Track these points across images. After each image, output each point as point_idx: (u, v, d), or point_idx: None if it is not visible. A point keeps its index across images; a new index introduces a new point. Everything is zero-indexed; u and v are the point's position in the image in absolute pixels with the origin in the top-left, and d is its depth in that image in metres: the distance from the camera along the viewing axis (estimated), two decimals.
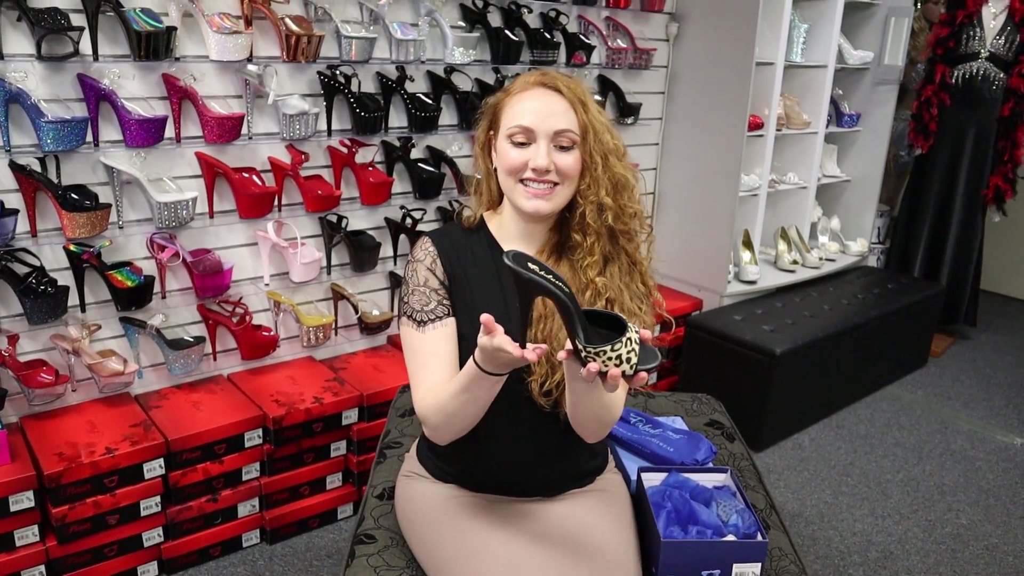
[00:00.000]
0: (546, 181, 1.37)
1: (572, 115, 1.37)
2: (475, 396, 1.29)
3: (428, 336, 1.41)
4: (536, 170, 1.35)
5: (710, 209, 3.39)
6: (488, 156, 1.47)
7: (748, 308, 3.33)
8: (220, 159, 2.29)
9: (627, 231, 1.43)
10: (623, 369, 1.10)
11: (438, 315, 1.42)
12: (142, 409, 2.28)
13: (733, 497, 1.62)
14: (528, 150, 1.37)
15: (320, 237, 2.57)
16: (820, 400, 3.33)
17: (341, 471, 2.50)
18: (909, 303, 3.66)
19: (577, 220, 1.41)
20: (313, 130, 2.39)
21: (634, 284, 1.45)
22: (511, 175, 1.39)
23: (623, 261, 1.44)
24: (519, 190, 1.38)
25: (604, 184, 1.39)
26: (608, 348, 1.10)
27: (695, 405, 2.18)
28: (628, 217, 1.42)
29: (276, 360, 2.58)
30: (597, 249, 1.40)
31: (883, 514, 2.71)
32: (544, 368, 1.39)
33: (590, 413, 1.35)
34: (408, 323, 1.43)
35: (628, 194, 1.42)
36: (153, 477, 2.13)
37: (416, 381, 1.42)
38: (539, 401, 1.41)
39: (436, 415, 1.36)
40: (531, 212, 1.38)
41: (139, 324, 2.26)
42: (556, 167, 1.36)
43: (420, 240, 1.48)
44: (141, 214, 2.24)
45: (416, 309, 1.42)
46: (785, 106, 3.63)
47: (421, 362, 1.42)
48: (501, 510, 1.48)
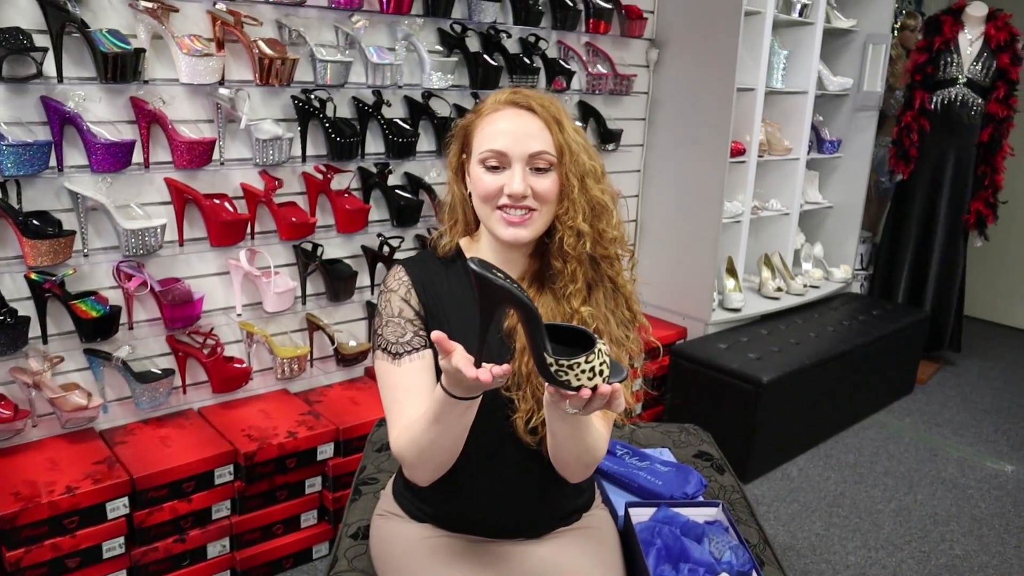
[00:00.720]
0: (523, 207, 1.30)
1: (547, 135, 1.30)
2: (448, 426, 1.21)
3: (404, 369, 1.33)
4: (512, 196, 1.28)
5: (693, 236, 3.35)
6: (462, 180, 1.40)
7: (733, 336, 3.28)
8: (190, 185, 2.22)
9: (608, 256, 1.36)
10: (596, 382, 1.03)
11: (414, 347, 1.34)
12: (107, 445, 2.18)
13: (726, 532, 1.55)
14: (503, 175, 1.30)
15: (295, 266, 2.49)
16: (807, 429, 3.27)
17: (316, 508, 2.40)
18: (894, 329, 3.63)
19: (556, 247, 1.34)
20: (287, 155, 2.32)
21: (620, 311, 1.38)
22: (486, 202, 1.32)
23: (607, 287, 1.37)
24: (496, 217, 1.31)
25: (582, 208, 1.31)
26: (582, 360, 1.01)
27: (682, 436, 2.12)
28: (608, 242, 1.35)
29: (249, 393, 2.49)
30: (580, 276, 1.33)
31: (876, 546, 2.64)
32: (530, 403, 1.32)
33: (572, 454, 1.28)
34: (382, 356, 1.35)
35: (607, 219, 1.35)
36: (116, 517, 2.02)
37: (392, 417, 1.34)
38: (524, 438, 1.33)
39: (411, 450, 1.28)
40: (510, 240, 1.31)
41: (104, 356, 2.17)
42: (533, 191, 1.29)
43: (393, 269, 1.41)
44: (107, 242, 2.16)
45: (391, 341, 1.34)
46: (767, 132, 3.62)
47: (396, 397, 1.33)
48: (481, 552, 1.40)
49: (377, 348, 1.36)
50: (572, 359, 1.02)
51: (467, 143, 1.36)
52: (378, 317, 1.38)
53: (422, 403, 1.29)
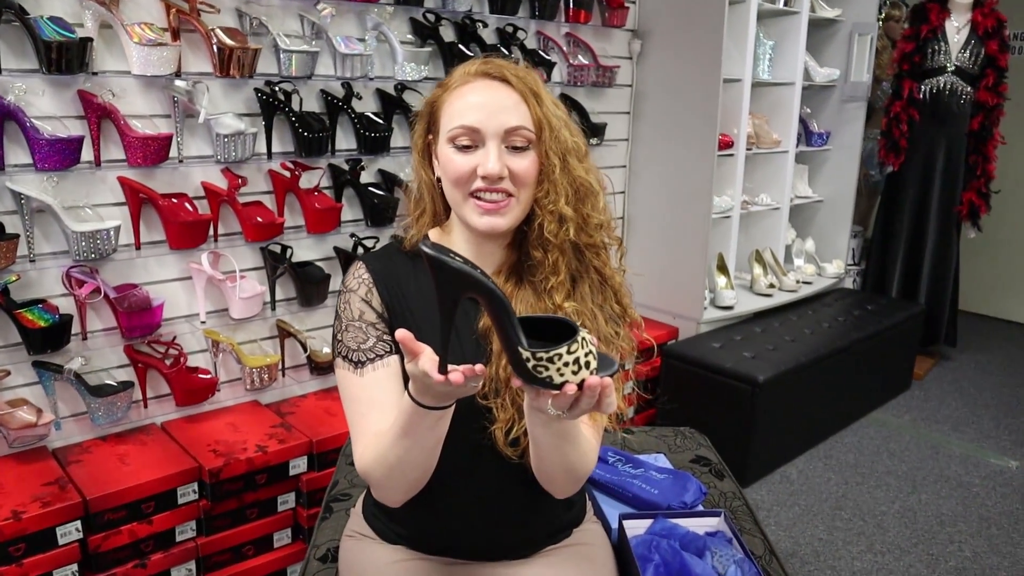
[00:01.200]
0: (499, 190, 1.15)
1: (524, 109, 1.15)
2: (418, 439, 1.07)
3: (367, 379, 1.18)
4: (487, 177, 1.14)
5: (682, 233, 3.23)
6: (429, 165, 1.25)
7: (726, 335, 3.16)
8: (146, 184, 2.08)
9: (594, 244, 1.22)
10: (582, 376, 0.89)
11: (377, 353, 1.19)
12: (59, 465, 2.02)
13: (729, 544, 1.41)
14: (475, 154, 1.15)
15: (262, 269, 2.35)
16: (806, 429, 3.15)
17: (290, 527, 2.25)
18: (890, 324, 3.52)
19: (536, 235, 1.19)
20: (251, 152, 2.18)
21: (608, 305, 1.24)
22: (458, 187, 1.17)
23: (593, 279, 1.23)
24: (469, 205, 1.17)
25: (564, 190, 1.17)
26: (564, 350, 0.88)
27: (678, 440, 1.99)
28: (593, 229, 1.21)
29: (216, 405, 2.34)
30: (562, 267, 1.19)
31: (882, 549, 2.51)
32: (509, 412, 1.17)
33: (557, 467, 1.14)
34: (343, 364, 1.20)
35: (592, 202, 1.20)
36: (69, 542, 1.86)
37: (356, 433, 1.19)
38: (504, 451, 1.19)
39: (377, 469, 1.14)
40: (485, 230, 1.17)
41: (55, 369, 2.01)
42: (510, 172, 1.15)
43: (353, 266, 1.26)
44: (57, 246, 2.01)
45: (351, 348, 1.19)
46: (754, 125, 3.51)
47: (360, 410, 1.18)
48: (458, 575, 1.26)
49: (337, 355, 1.22)
50: (551, 350, 0.88)
51: (434, 121, 1.22)
52: (337, 321, 1.23)
53: (389, 416, 1.14)
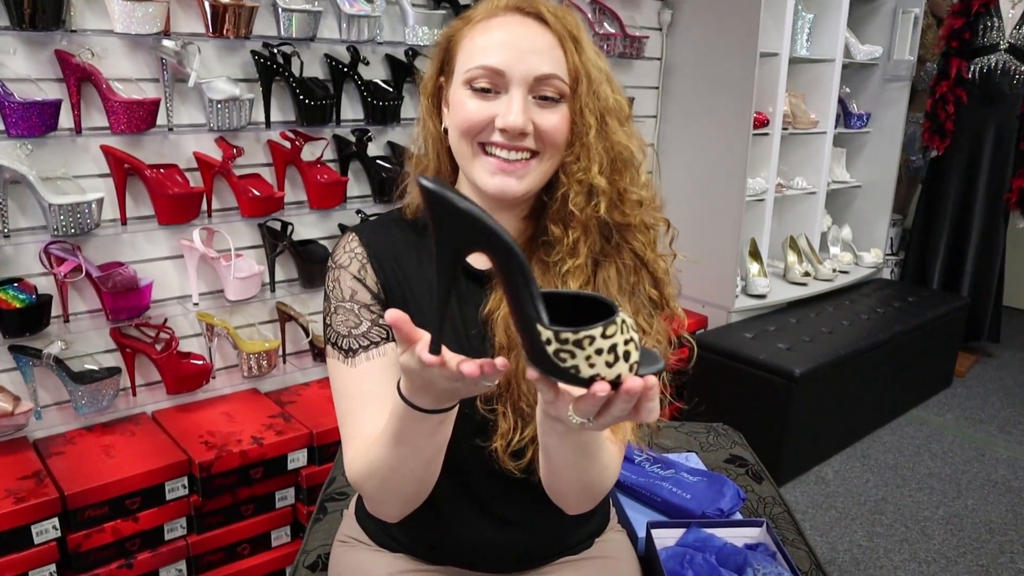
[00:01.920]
0: (520, 148, 0.96)
1: (560, 54, 0.96)
2: (415, 448, 0.89)
3: (359, 371, 1.00)
4: (507, 131, 0.94)
5: (714, 216, 3.03)
6: (437, 112, 1.06)
7: (759, 325, 2.96)
8: (132, 153, 1.92)
9: (628, 224, 1.01)
10: (619, 370, 0.67)
11: (372, 340, 1.00)
12: (39, 457, 1.87)
13: (773, 560, 1.23)
14: (495, 102, 0.96)
15: (260, 248, 2.18)
16: (843, 427, 2.95)
17: (289, 524, 2.09)
18: (933, 317, 3.30)
19: (557, 206, 1.00)
20: (247, 120, 2.01)
21: (642, 288, 1.04)
22: (468, 137, 0.97)
23: (626, 260, 1.03)
24: (480, 161, 0.98)
25: (598, 157, 0.97)
26: (597, 333, 0.66)
27: (710, 437, 1.80)
28: (630, 206, 1.00)
29: (212, 394, 2.18)
30: (583, 249, 0.99)
31: (927, 559, 2.31)
32: (511, 421, 0.99)
33: (573, 486, 0.95)
34: (333, 352, 1.02)
35: (631, 174, 1.00)
36: (45, 541, 1.72)
37: (346, 434, 1.00)
38: (506, 466, 1.00)
39: (369, 480, 0.96)
40: (495, 193, 0.97)
41: (33, 353, 1.86)
42: (536, 128, 0.95)
43: (343, 238, 1.07)
44: (33, 220, 1.86)
45: (341, 333, 1.01)
46: (791, 103, 3.30)
47: (351, 407, 1.00)
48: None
49: (327, 342, 1.04)
50: (581, 331, 0.66)
51: (449, 60, 1.02)
52: (326, 302, 1.05)
53: (383, 415, 0.96)
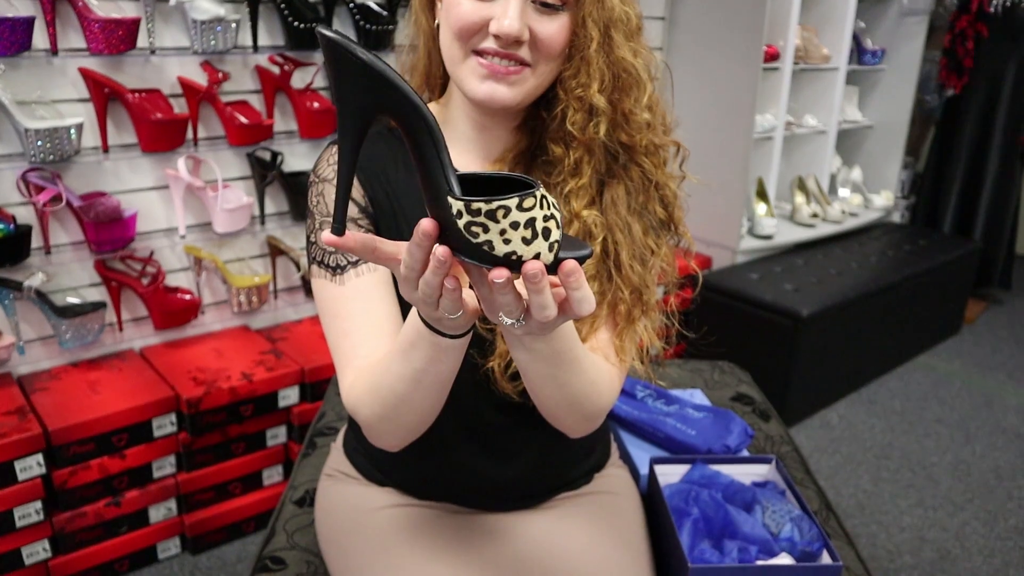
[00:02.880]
0: (513, 57, 0.88)
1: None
2: (433, 370, 0.80)
3: (348, 289, 0.92)
4: (501, 37, 0.86)
5: (720, 153, 2.93)
6: (431, 8, 0.97)
7: (765, 266, 2.88)
8: (112, 77, 1.82)
9: (635, 145, 0.93)
10: (537, 249, 0.61)
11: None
12: (23, 392, 1.82)
13: (782, 498, 1.17)
14: (492, 4, 0.87)
15: (250, 179, 2.10)
16: (849, 371, 2.89)
17: (281, 463, 2.05)
18: (944, 261, 3.22)
19: (556, 125, 0.92)
20: (233, 42, 1.91)
21: (652, 207, 0.97)
22: (460, 40, 0.88)
23: (634, 179, 0.95)
24: (469, 65, 0.89)
25: (599, 73, 0.89)
26: (512, 203, 0.60)
27: (716, 375, 1.74)
28: (636, 129, 0.92)
29: (201, 330, 2.12)
30: (586, 169, 0.92)
31: (933, 504, 2.27)
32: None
33: (557, 402, 0.87)
34: (319, 272, 0.94)
35: (637, 94, 0.91)
36: (29, 478, 1.67)
37: (340, 358, 0.93)
38: (503, 388, 0.94)
39: (370, 408, 0.88)
40: (483, 99, 0.89)
41: (14, 286, 1.79)
42: (532, 36, 0.87)
43: (326, 150, 0.99)
44: (11, 147, 1.77)
45: (327, 250, 0.93)
46: (803, 37, 3.17)
47: (342, 328, 0.92)
48: (459, 526, 1.03)
49: (312, 261, 0.96)
50: (495, 201, 0.61)
51: None
52: (310, 218, 0.97)
53: (379, 335, 0.90)
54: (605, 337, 0.93)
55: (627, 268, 0.93)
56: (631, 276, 0.93)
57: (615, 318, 0.94)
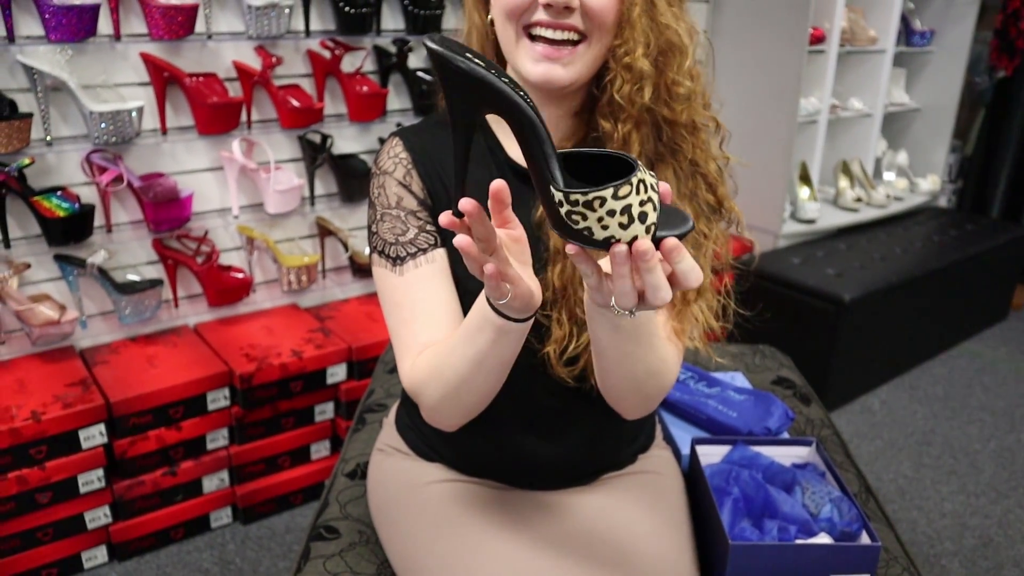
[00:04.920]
0: (566, 27, 0.89)
1: None
2: (496, 353, 0.85)
3: (408, 278, 0.97)
4: (551, 6, 0.88)
5: (764, 137, 2.91)
6: (484, 7, 0.99)
7: (808, 250, 2.87)
8: (171, 61, 1.88)
9: (677, 121, 0.94)
10: (634, 232, 0.65)
11: (419, 247, 0.97)
12: (85, 365, 1.90)
13: (822, 479, 1.19)
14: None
15: (300, 161, 2.15)
16: (892, 356, 2.88)
17: (328, 438, 2.11)
18: (991, 247, 3.18)
19: (606, 98, 0.93)
20: (286, 28, 1.96)
21: (701, 194, 0.98)
22: (512, 18, 0.91)
23: (681, 163, 0.97)
24: (524, 48, 0.91)
25: (643, 37, 0.90)
26: (608, 193, 0.64)
27: (757, 359, 1.76)
28: (679, 100, 0.93)
29: (253, 308, 2.18)
30: (635, 143, 0.93)
31: (976, 491, 2.27)
32: (566, 328, 0.95)
33: (628, 382, 0.90)
34: (380, 261, 0.99)
35: (679, 61, 0.93)
36: (92, 447, 1.75)
37: (400, 344, 0.97)
38: (558, 373, 0.98)
39: (432, 390, 0.93)
40: (540, 81, 0.91)
41: (78, 263, 1.87)
42: (583, 4, 0.88)
43: (387, 143, 1.03)
44: (75, 129, 1.84)
45: (388, 241, 0.98)
46: (849, 19, 3.13)
47: (402, 316, 0.97)
48: (507, 502, 1.07)
49: (373, 251, 1.00)
50: (592, 192, 0.64)
51: None
52: (371, 209, 1.01)
53: (437, 322, 0.94)
54: (663, 319, 0.96)
55: None
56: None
57: (672, 300, 0.96)
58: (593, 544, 0.99)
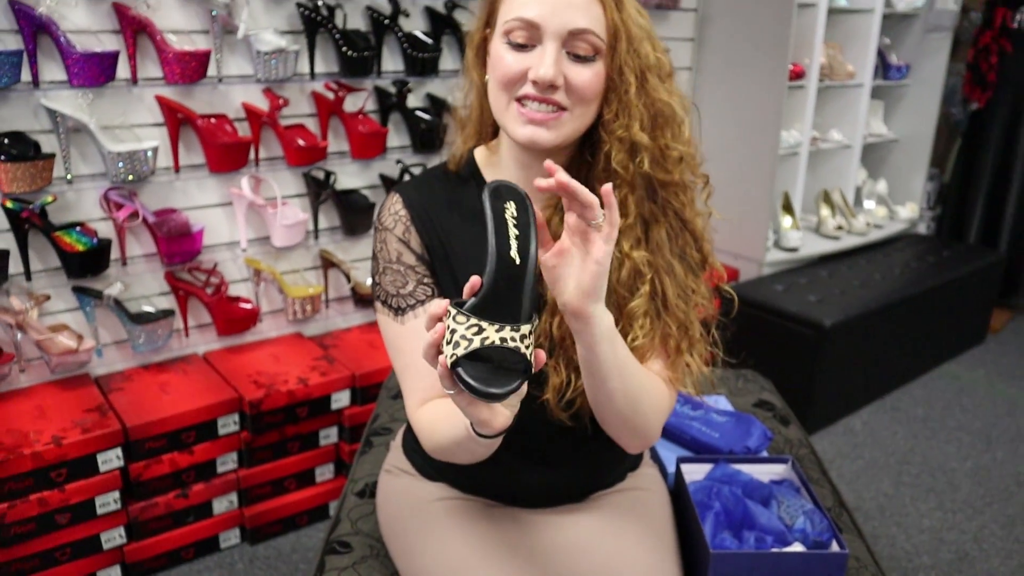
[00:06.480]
0: (550, 101, 0.99)
1: (598, 11, 0.98)
2: (473, 448, 0.97)
3: (409, 328, 1.08)
4: (538, 83, 0.97)
5: (747, 168, 3.04)
6: (482, 64, 1.10)
7: (790, 278, 2.99)
8: (184, 103, 1.99)
9: (671, 182, 1.05)
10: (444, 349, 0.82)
11: (418, 299, 1.08)
12: (101, 392, 1.99)
13: (797, 494, 1.29)
14: (530, 55, 0.99)
15: (305, 196, 2.26)
16: (872, 379, 2.98)
17: (332, 462, 2.20)
18: (968, 272, 3.30)
19: (601, 165, 1.03)
20: (293, 71, 2.07)
21: (689, 252, 1.08)
22: (504, 89, 1.01)
23: (671, 221, 1.07)
24: (512, 111, 1.01)
25: (639, 114, 1.00)
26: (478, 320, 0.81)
27: (739, 383, 1.86)
28: (672, 164, 1.03)
29: (259, 337, 2.28)
30: (632, 207, 1.03)
31: (953, 508, 2.37)
32: (563, 375, 1.05)
33: (612, 411, 1.00)
34: (383, 309, 1.11)
35: (673, 130, 1.03)
36: (109, 470, 1.84)
37: (404, 386, 1.10)
38: (558, 415, 1.07)
39: (427, 442, 1.07)
40: (525, 142, 1.01)
41: (95, 294, 1.97)
42: (567, 83, 0.98)
43: (388, 199, 1.13)
44: (94, 167, 1.94)
45: (390, 293, 1.09)
46: (828, 55, 3.27)
47: (405, 361, 1.09)
48: (505, 518, 1.17)
49: (377, 299, 1.12)
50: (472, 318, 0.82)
51: (493, 12, 1.05)
52: (374, 261, 1.12)
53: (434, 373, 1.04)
54: (658, 367, 1.06)
55: (673, 306, 1.04)
56: (677, 313, 1.05)
57: (666, 350, 1.06)
58: (585, 555, 1.09)
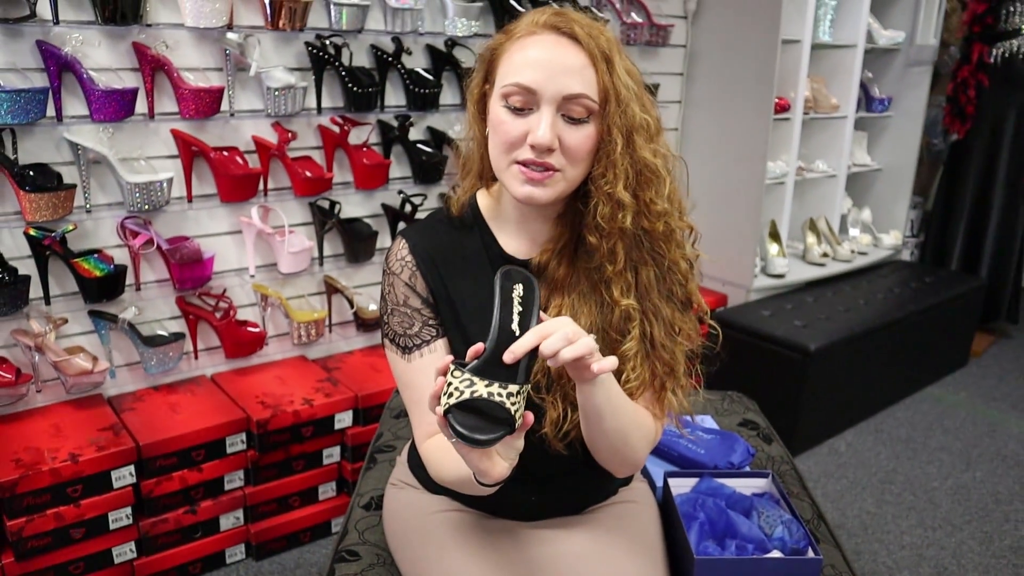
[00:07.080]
0: (547, 165, 1.05)
1: (591, 74, 1.04)
2: (476, 488, 1.07)
3: (416, 366, 1.17)
4: (535, 147, 1.03)
5: (734, 198, 3.16)
6: (482, 117, 1.17)
7: (777, 303, 3.09)
8: (198, 137, 2.09)
9: (654, 231, 1.11)
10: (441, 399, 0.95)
11: (424, 339, 1.16)
12: (114, 411, 2.07)
13: (776, 506, 1.39)
14: (528, 119, 1.05)
15: (311, 225, 2.36)
16: (856, 402, 3.08)
17: (335, 480, 2.28)
18: (949, 297, 3.41)
19: (591, 217, 1.09)
20: (301, 106, 2.18)
21: (676, 292, 1.16)
22: (504, 151, 1.07)
23: (660, 265, 1.14)
24: (512, 171, 1.07)
25: (624, 172, 1.06)
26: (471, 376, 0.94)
27: (725, 404, 1.95)
28: (656, 216, 1.09)
29: (265, 359, 2.36)
30: (620, 255, 1.09)
31: (933, 525, 2.45)
32: (559, 409, 1.13)
33: (604, 445, 1.11)
34: (391, 347, 1.20)
35: (657, 188, 1.08)
36: (123, 486, 1.92)
37: (414, 419, 1.21)
38: (555, 447, 1.16)
39: (434, 472, 1.18)
40: (523, 199, 1.08)
41: (110, 318, 2.06)
42: (561, 145, 1.04)
43: (395, 243, 1.21)
44: (111, 197, 2.04)
45: (398, 332, 1.18)
46: (812, 88, 3.40)
47: (413, 396, 1.19)
48: (503, 529, 1.25)
49: (385, 337, 1.21)
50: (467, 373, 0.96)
51: (492, 70, 1.12)
52: (383, 302, 1.21)
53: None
54: (644, 401, 1.15)
55: (660, 347, 1.13)
56: (663, 354, 1.13)
57: (653, 388, 1.15)
58: (579, 565, 1.17)
